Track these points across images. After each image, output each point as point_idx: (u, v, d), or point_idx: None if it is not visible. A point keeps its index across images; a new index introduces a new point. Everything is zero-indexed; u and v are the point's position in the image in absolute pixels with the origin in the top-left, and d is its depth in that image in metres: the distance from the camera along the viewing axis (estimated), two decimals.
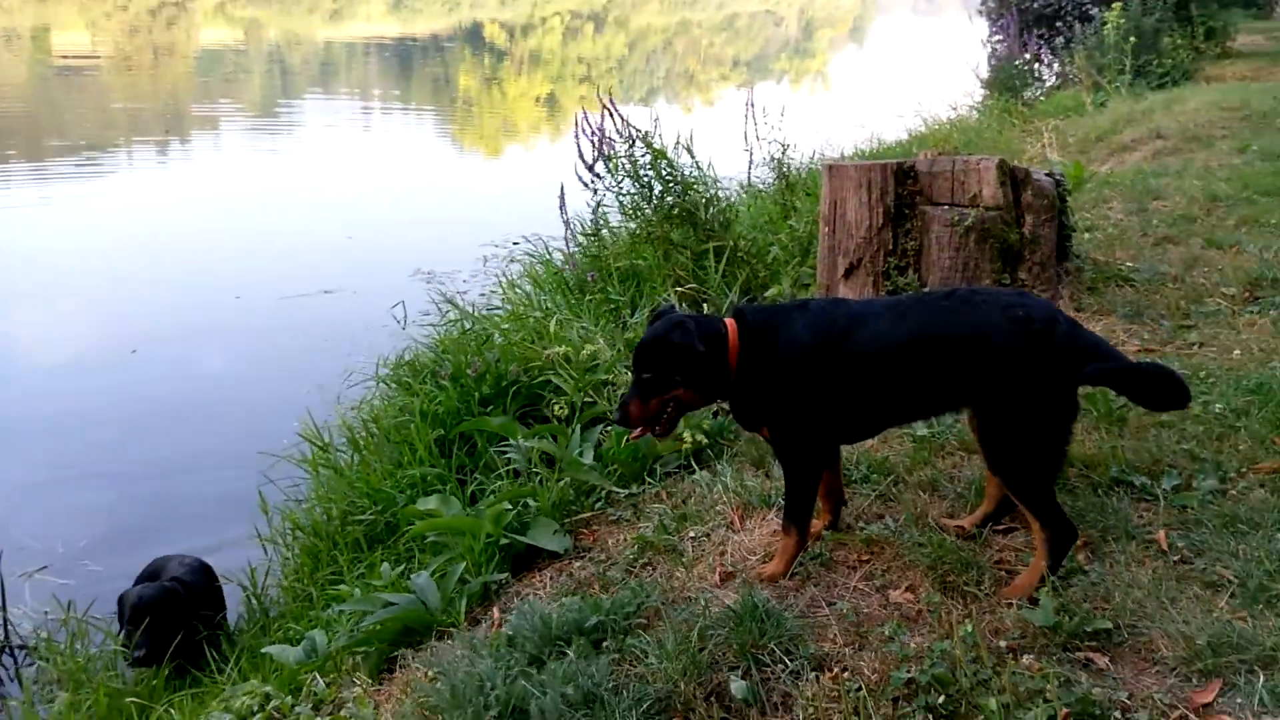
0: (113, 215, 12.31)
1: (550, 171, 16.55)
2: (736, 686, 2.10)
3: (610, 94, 5.53)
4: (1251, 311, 4.22)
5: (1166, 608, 2.24)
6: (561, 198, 5.44)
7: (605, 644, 2.33)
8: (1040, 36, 15.17)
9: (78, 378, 7.40)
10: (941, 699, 1.98)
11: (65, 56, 27.99)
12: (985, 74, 14.42)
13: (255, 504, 4.63)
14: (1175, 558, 2.47)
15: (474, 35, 40.27)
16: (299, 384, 6.54)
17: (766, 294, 5.00)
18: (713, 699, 2.09)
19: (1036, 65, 14.93)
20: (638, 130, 5.52)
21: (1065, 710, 1.91)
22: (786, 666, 2.16)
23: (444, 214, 13.04)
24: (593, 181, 5.58)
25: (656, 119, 5.64)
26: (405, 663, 2.83)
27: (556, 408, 3.99)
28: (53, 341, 8.37)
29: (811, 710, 2.01)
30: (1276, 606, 2.22)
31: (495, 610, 2.96)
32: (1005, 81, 13.58)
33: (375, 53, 34.46)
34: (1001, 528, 2.72)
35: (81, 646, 3.99)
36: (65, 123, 19.64)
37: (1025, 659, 2.09)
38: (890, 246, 4.27)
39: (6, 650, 4.40)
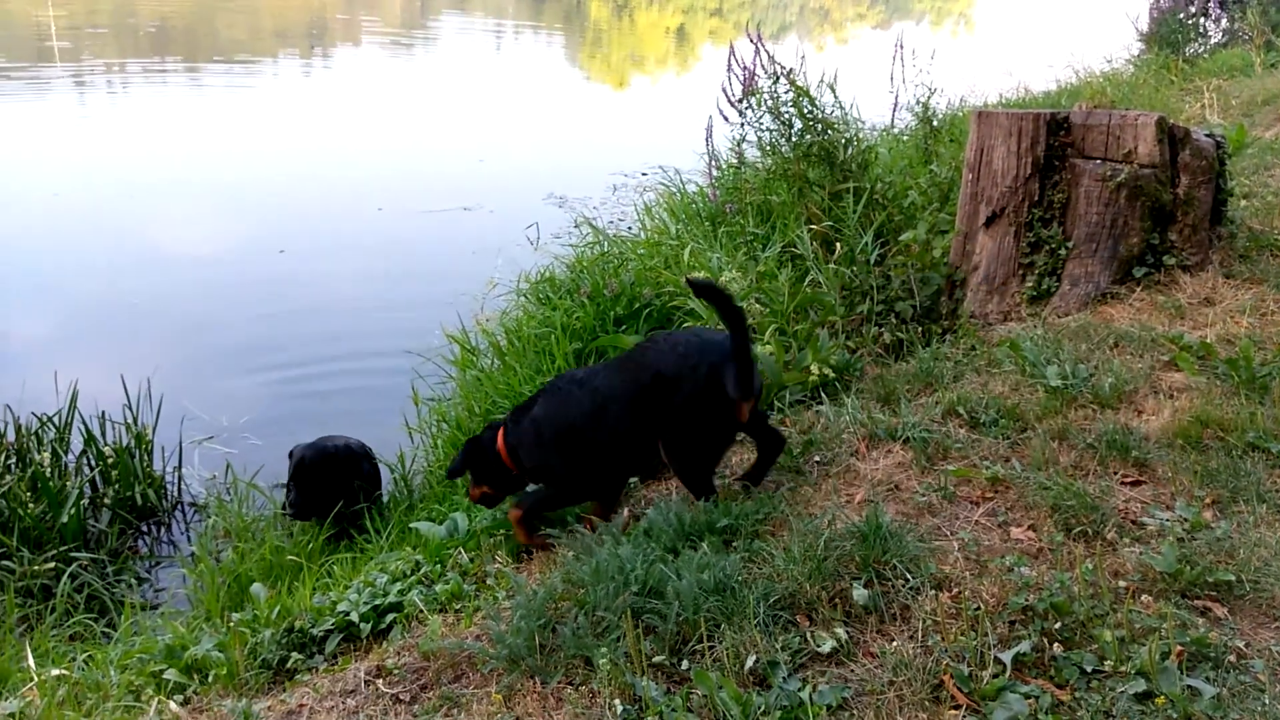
0: (259, 122, 12.89)
1: (678, 104, 16.55)
2: (859, 594, 2.24)
3: (754, 28, 5.55)
4: None
5: None
6: (709, 130, 5.51)
7: (734, 544, 2.50)
8: None
9: (231, 270, 7.90)
10: (1058, 625, 2.09)
11: None
12: (1145, 27, 13.69)
13: (403, 398, 4.97)
14: None
15: None
16: (441, 292, 6.90)
17: (902, 237, 5.00)
18: (835, 602, 2.24)
19: (1202, 20, 14.09)
20: (782, 67, 5.53)
21: (1179, 648, 1.99)
22: (908, 582, 2.29)
23: (573, 140, 13.26)
24: (737, 116, 5.63)
25: (802, 57, 5.65)
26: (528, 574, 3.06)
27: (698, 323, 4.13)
28: (208, 236, 8.92)
29: (930, 623, 2.14)
30: None
31: (625, 510, 3.15)
32: (1166, 36, 12.88)
33: None
34: (1130, 479, 2.77)
35: (247, 507, 4.40)
36: (219, 31, 20.45)
37: (1144, 598, 2.17)
38: (1036, 198, 4.23)
39: (179, 507, 4.88)
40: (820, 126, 5.47)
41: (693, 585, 2.22)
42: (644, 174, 10.57)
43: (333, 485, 4.23)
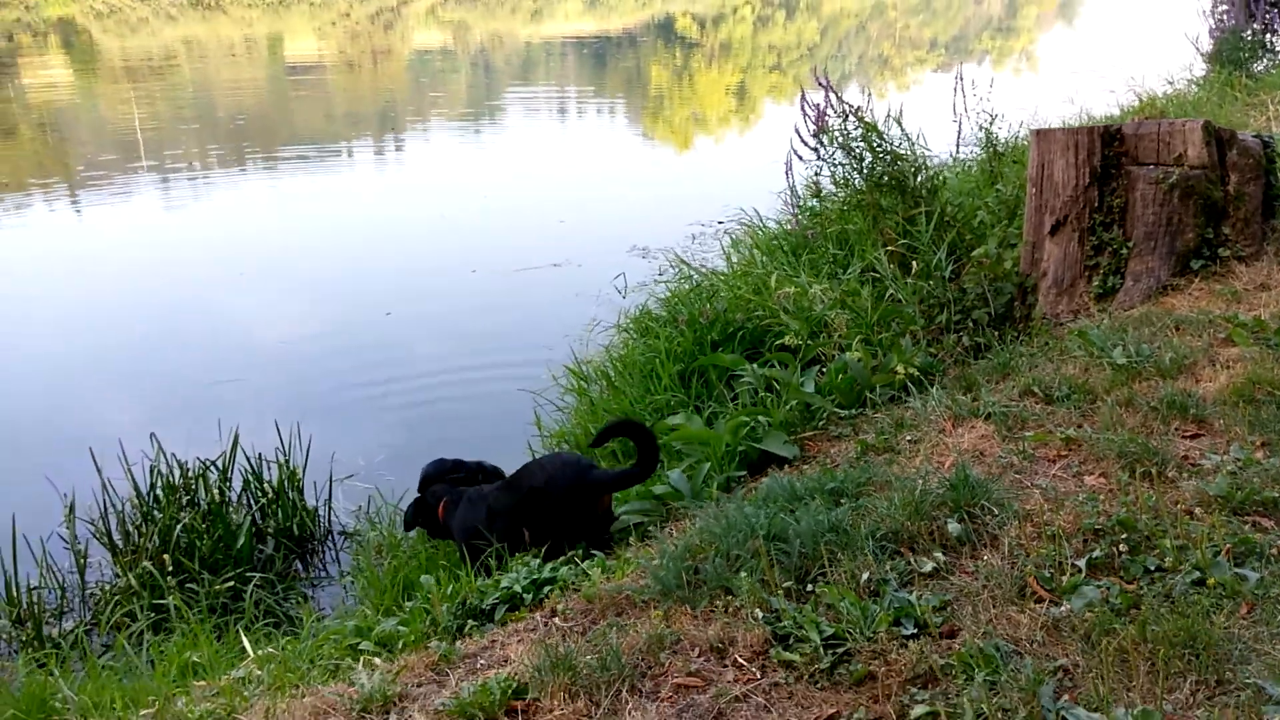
0: (339, 204, 13.60)
1: (744, 157, 17.14)
2: (953, 527, 2.65)
3: (826, 74, 6.07)
4: None
5: None
6: (789, 164, 6.01)
7: (842, 500, 2.92)
8: (1272, 4, 14.41)
9: (345, 335, 8.58)
10: (1125, 537, 2.47)
11: (295, 68, 30.62)
12: (1207, 47, 13.86)
13: (521, 426, 5.51)
14: None
15: (666, 28, 41.18)
16: (544, 337, 7.48)
17: (974, 253, 5.41)
18: (933, 535, 2.65)
19: (1267, 36, 14.21)
20: (850, 106, 6.03)
21: (1228, 546, 2.36)
22: (994, 516, 2.69)
23: (648, 197, 13.85)
24: (810, 153, 6.13)
25: (869, 95, 6.14)
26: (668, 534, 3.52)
27: (788, 337, 4.58)
28: (319, 309, 9.62)
29: (1016, 545, 2.54)
30: None
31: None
32: (1229, 54, 13.04)
33: (572, 50, 35.89)
34: (1189, 433, 3.12)
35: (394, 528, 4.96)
36: (301, 122, 21.73)
37: (1199, 514, 2.53)
38: (1096, 204, 4.62)
39: (330, 535, 5.47)
40: (890, 158, 5.94)
41: (811, 526, 2.65)
42: (720, 222, 11.13)
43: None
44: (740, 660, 2.30)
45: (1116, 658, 2.05)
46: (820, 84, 5.94)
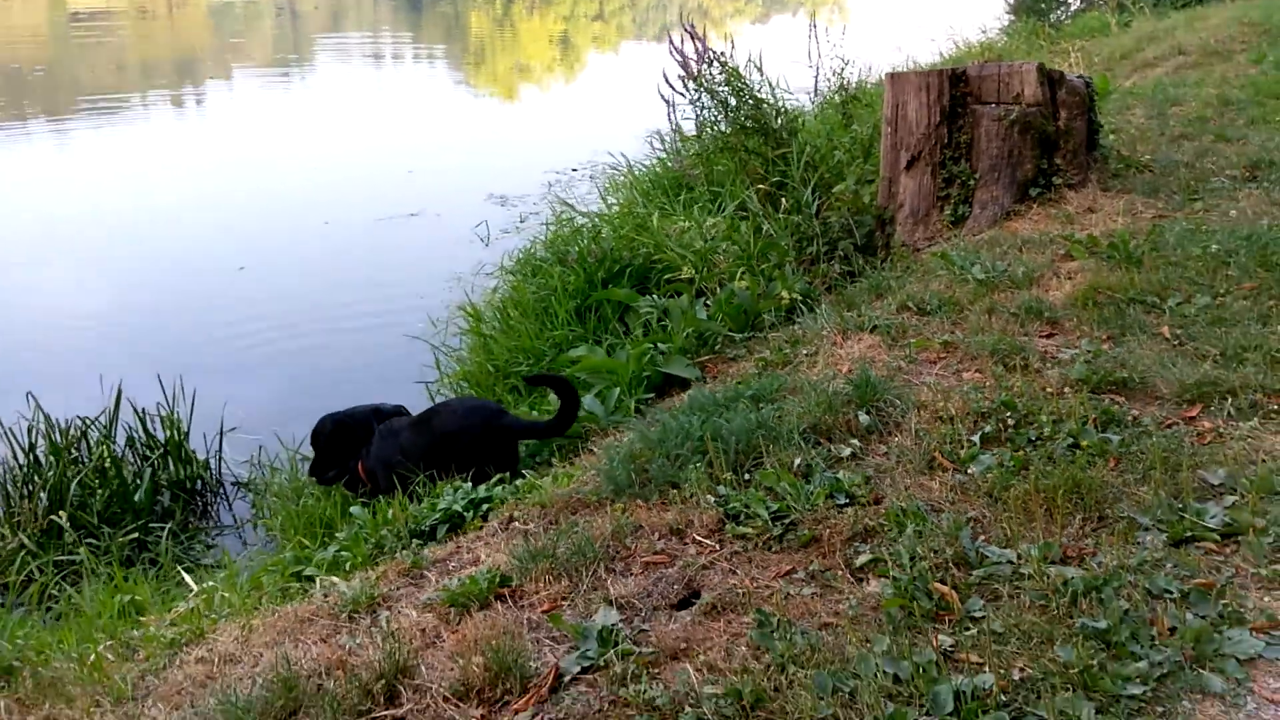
0: (154, 161, 12.86)
1: (580, 105, 17.31)
2: (863, 419, 3.02)
3: (691, 24, 6.35)
4: (1250, 187, 5.06)
5: (1166, 366, 3.14)
6: (670, 103, 6.26)
7: (762, 405, 3.26)
8: None
9: (200, 287, 8.32)
10: (1008, 415, 2.90)
11: (80, 14, 28.51)
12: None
13: (416, 370, 5.62)
14: (1174, 342, 3.37)
15: None
16: (416, 285, 7.54)
17: (835, 189, 5.84)
18: (847, 426, 3.01)
19: None
20: (715, 52, 6.34)
21: (1093, 416, 2.83)
22: (896, 408, 3.08)
23: (493, 147, 13.84)
24: (679, 98, 6.42)
25: (731, 42, 6.47)
26: (590, 448, 3.78)
27: (685, 269, 4.89)
28: (168, 260, 9.22)
29: (918, 429, 2.94)
30: (1243, 366, 3.11)
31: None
32: (1032, 6, 14.17)
33: None
34: (1045, 333, 3.62)
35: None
36: (90, 75, 20.34)
37: (1066, 394, 3.00)
38: (946, 140, 5.11)
39: (221, 486, 5.44)
40: (753, 102, 6.30)
41: (742, 424, 2.97)
42: (574, 169, 11.33)
43: (340, 450, 4.81)
44: (699, 538, 2.60)
45: (1017, 507, 2.46)
46: (687, 32, 6.22)
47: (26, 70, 19.85)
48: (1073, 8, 15.50)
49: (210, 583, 3.56)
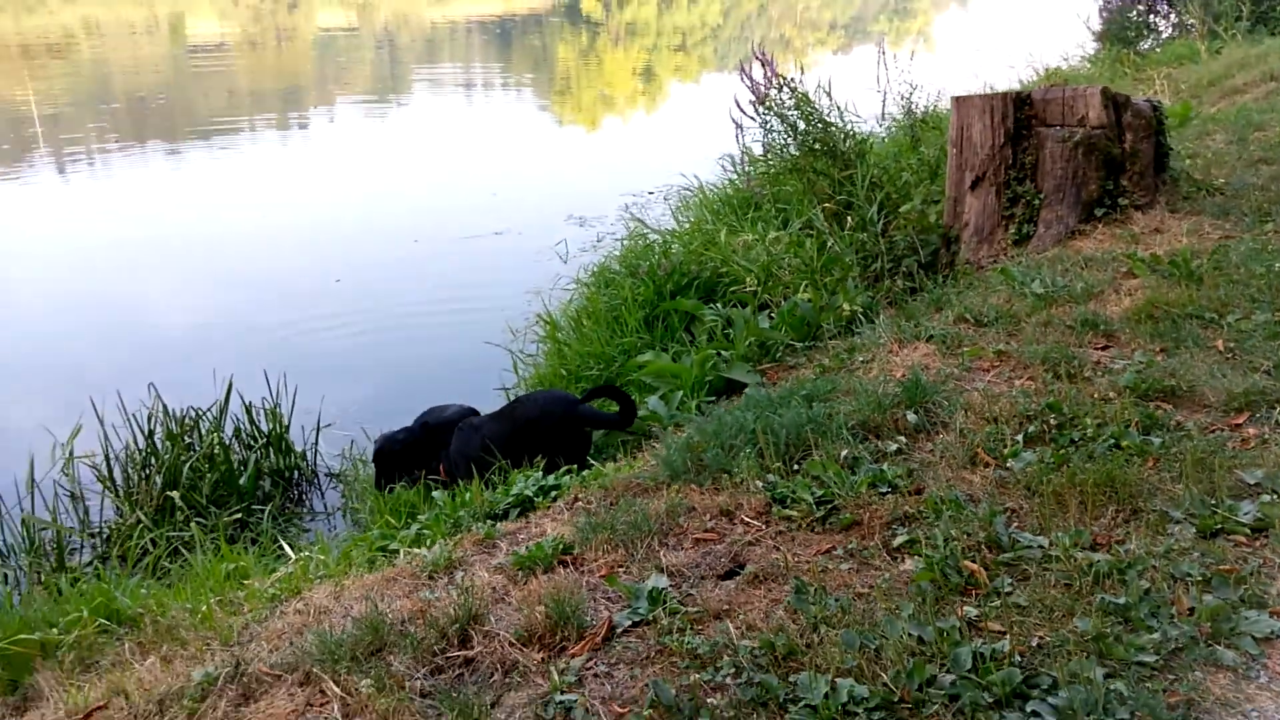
0: (261, 183, 13.43)
1: (659, 132, 17.58)
2: (911, 417, 3.17)
3: (764, 51, 6.57)
4: None
5: (1216, 376, 3.22)
6: (739, 126, 6.48)
7: (814, 404, 3.42)
8: None
9: (305, 298, 8.79)
10: (1053, 418, 3.02)
11: (197, 48, 29.74)
12: (1097, 26, 14.83)
13: (496, 374, 5.91)
14: (1227, 355, 3.44)
15: (572, 9, 41.30)
16: (498, 297, 7.87)
17: (901, 209, 5.97)
18: (895, 424, 3.16)
19: (1151, 16, 15.26)
20: (785, 79, 6.54)
21: (1136, 420, 2.93)
22: (944, 409, 3.22)
23: (574, 172, 14.23)
24: (749, 121, 6.63)
25: (801, 69, 6.66)
26: (652, 444, 3.98)
27: (749, 280, 5.08)
28: (272, 276, 9.72)
29: (964, 428, 3.07)
30: None
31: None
32: (1118, 33, 14.02)
33: (478, 30, 35.67)
34: (1100, 345, 3.71)
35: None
36: (203, 103, 21.36)
37: (1112, 398, 3.10)
38: (1010, 161, 5.21)
39: (316, 476, 5.79)
40: (821, 125, 6.47)
41: (794, 419, 3.14)
42: (650, 191, 11.62)
43: (398, 465, 5.09)
44: (746, 519, 2.77)
45: (1052, 498, 2.59)
46: (759, 59, 6.43)
47: (150, 98, 21.01)
48: (1163, 35, 15.29)
49: (305, 552, 3.85)
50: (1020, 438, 2.94)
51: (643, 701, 2.01)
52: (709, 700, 1.96)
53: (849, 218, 5.97)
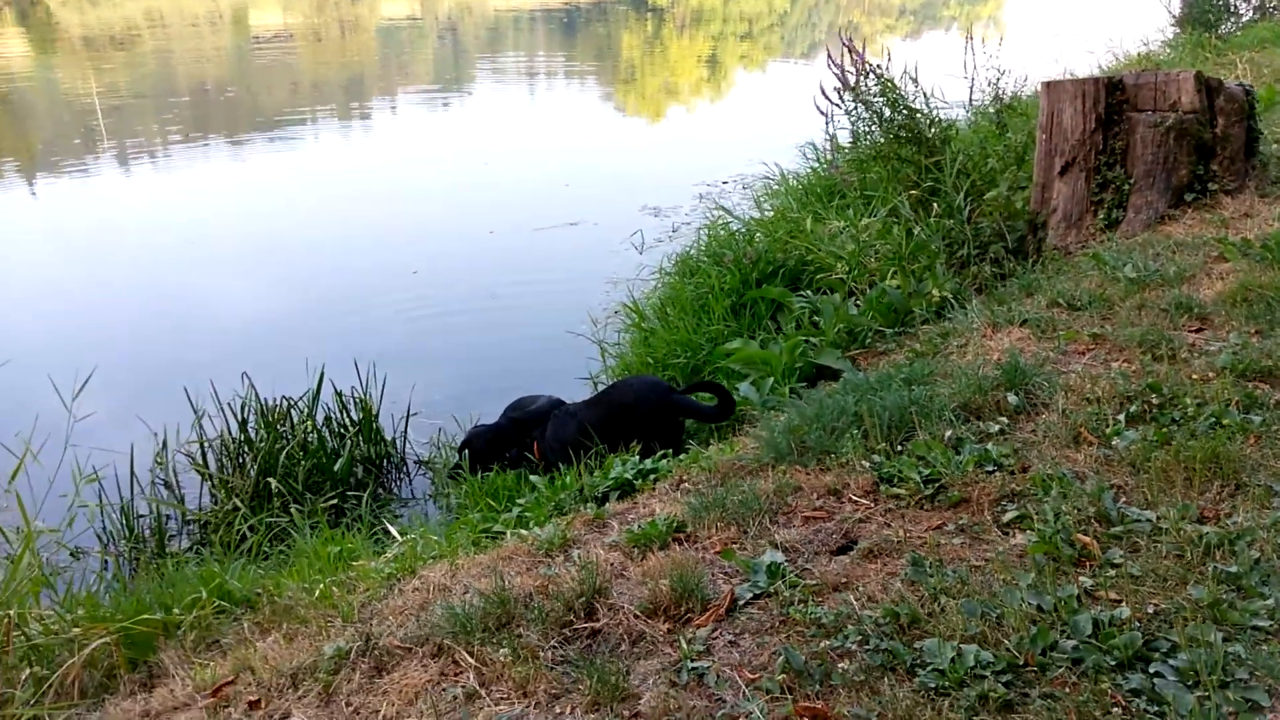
0: (334, 175, 13.70)
1: (730, 121, 17.56)
2: (1012, 399, 3.24)
3: (849, 37, 6.62)
4: None
5: None
6: (828, 113, 6.55)
7: (914, 386, 3.50)
8: None
9: (378, 288, 9.00)
10: (1153, 398, 3.07)
11: (260, 39, 30.39)
12: (1177, 10, 14.50)
13: (581, 362, 6.06)
14: None
15: None
16: (578, 287, 8.03)
17: (987, 196, 5.98)
18: (996, 406, 3.24)
19: (1233, 0, 14.87)
20: (871, 65, 6.58)
21: (1236, 399, 2.96)
22: (1044, 390, 3.28)
23: (645, 163, 14.34)
24: (834, 108, 6.69)
25: (888, 54, 6.69)
26: (747, 430, 4.09)
27: (839, 267, 5.15)
28: (349, 268, 9.99)
29: (1064, 408, 3.13)
30: None
31: None
32: (1199, 17, 13.69)
33: (542, 19, 35.86)
34: (1194, 328, 3.73)
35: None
36: (267, 95, 21.83)
37: (1211, 379, 3.14)
38: (1100, 147, 5.21)
39: (405, 463, 6.01)
40: (907, 112, 6.50)
41: (897, 401, 3.23)
42: (724, 181, 11.69)
43: (488, 455, 5.27)
44: (854, 498, 2.88)
45: (1158, 475, 2.65)
46: (845, 46, 6.48)
47: (214, 91, 21.59)
48: (1244, 18, 14.89)
49: (412, 535, 4.03)
50: (1122, 417, 3.00)
51: (772, 668, 2.13)
52: (838, 666, 2.07)
53: (934, 204, 6.01)
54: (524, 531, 3.43)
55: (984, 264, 5.36)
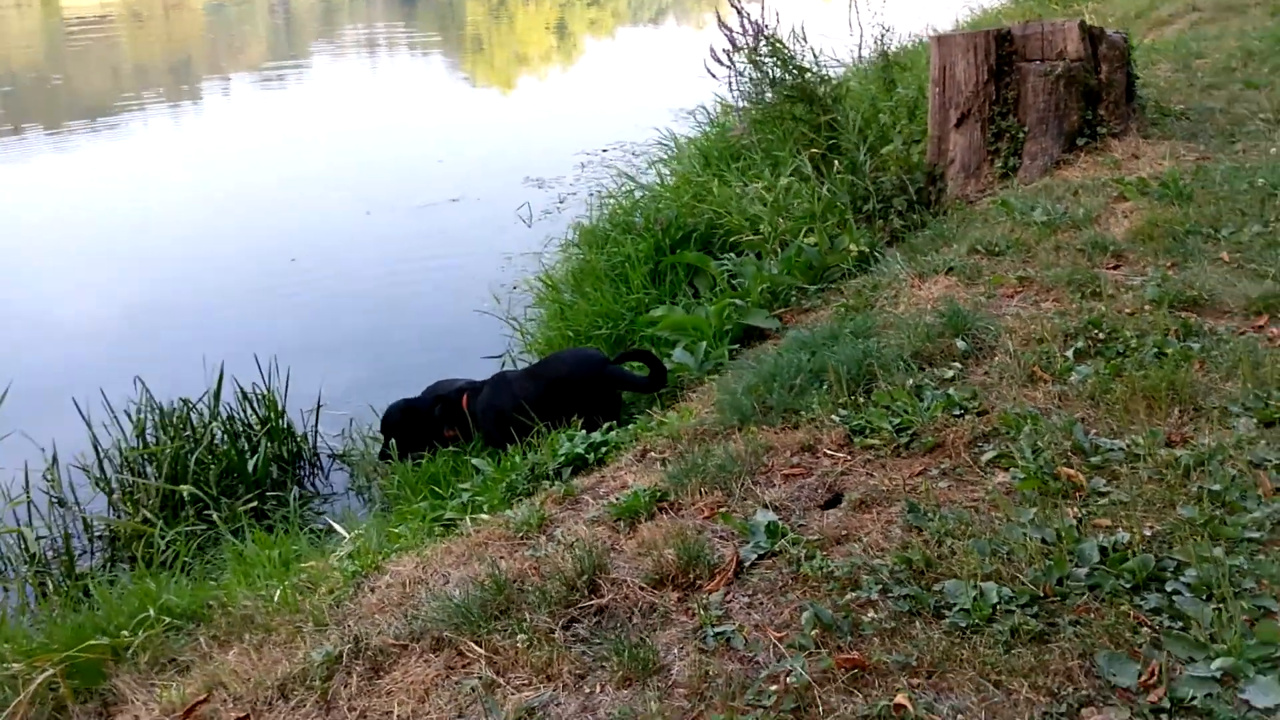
0: (174, 162, 12.95)
1: (593, 90, 17.43)
2: (960, 344, 3.33)
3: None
4: None
5: (1231, 285, 3.44)
6: (732, 81, 6.53)
7: (863, 339, 3.56)
8: None
9: (254, 278, 8.55)
10: (1095, 332, 3.20)
11: (73, 21, 28.61)
12: None
13: (492, 343, 5.93)
14: (1233, 265, 3.67)
15: None
16: (468, 265, 7.85)
17: (883, 150, 6.12)
18: (946, 352, 3.32)
19: None
20: (759, 25, 6.62)
21: (1173, 329, 3.13)
22: (988, 334, 3.38)
23: (516, 135, 14.06)
24: (723, 70, 6.70)
25: (777, 15, 6.74)
26: (688, 396, 4.09)
27: (763, 226, 5.18)
28: (215, 256, 9.43)
29: (1011, 349, 3.24)
30: None
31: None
32: None
33: None
34: (1112, 265, 3.91)
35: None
36: (92, 82, 20.54)
37: (1145, 312, 3.30)
38: (994, 98, 5.39)
39: (317, 457, 5.76)
40: (796, 71, 6.58)
41: (853, 354, 3.28)
42: (604, 150, 11.60)
43: (413, 434, 5.13)
44: (829, 452, 2.91)
45: (1119, 405, 2.77)
46: (734, 7, 6.50)
47: (44, 80, 20.10)
48: None
49: (358, 530, 3.87)
50: (1070, 354, 3.12)
51: (797, 625, 2.14)
52: (866, 616, 2.09)
53: (835, 162, 6.10)
54: (485, 516, 3.34)
55: (891, 217, 5.48)
